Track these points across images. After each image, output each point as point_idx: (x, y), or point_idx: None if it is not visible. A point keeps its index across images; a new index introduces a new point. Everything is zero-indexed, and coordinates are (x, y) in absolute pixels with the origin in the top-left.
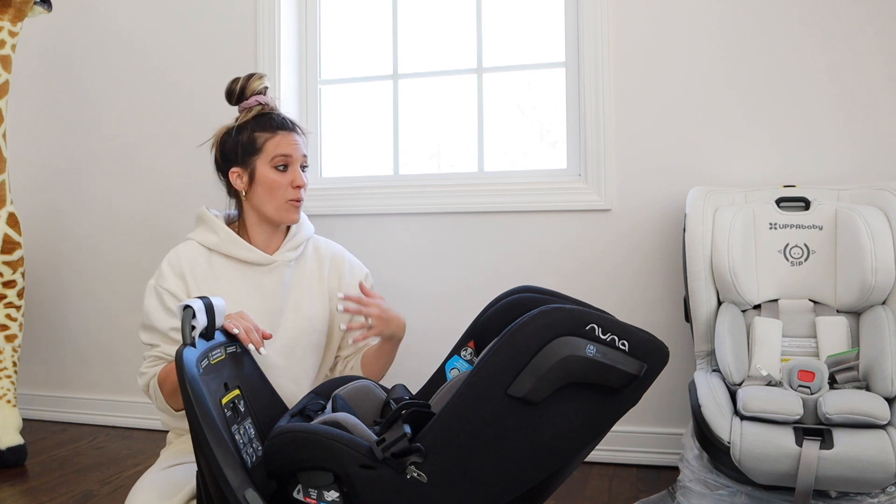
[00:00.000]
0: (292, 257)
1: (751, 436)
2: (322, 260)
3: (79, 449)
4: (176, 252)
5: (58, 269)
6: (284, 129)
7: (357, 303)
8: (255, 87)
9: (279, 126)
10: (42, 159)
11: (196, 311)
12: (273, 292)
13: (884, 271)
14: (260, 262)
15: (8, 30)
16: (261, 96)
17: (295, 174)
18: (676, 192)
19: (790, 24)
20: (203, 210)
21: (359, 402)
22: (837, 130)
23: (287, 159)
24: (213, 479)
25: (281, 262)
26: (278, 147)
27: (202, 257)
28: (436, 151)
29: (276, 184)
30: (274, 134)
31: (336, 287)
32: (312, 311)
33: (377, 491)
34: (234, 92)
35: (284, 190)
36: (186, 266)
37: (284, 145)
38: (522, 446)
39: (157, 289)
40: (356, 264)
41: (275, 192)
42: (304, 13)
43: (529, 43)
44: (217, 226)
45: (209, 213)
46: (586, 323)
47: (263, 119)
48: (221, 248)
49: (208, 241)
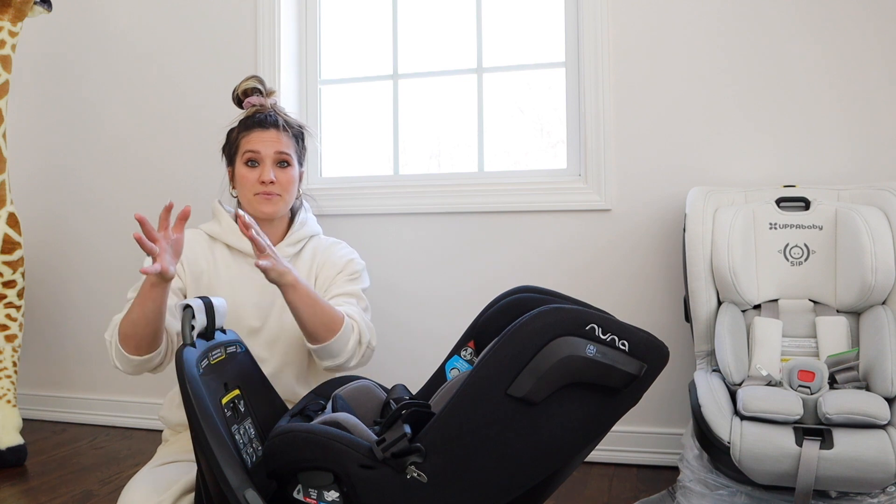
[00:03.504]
0: (290, 253)
1: (751, 436)
2: (318, 254)
3: (79, 449)
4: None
5: (58, 269)
6: (262, 126)
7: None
8: (244, 87)
9: (256, 124)
10: (42, 159)
11: (195, 310)
12: (267, 286)
13: (884, 271)
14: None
15: (8, 30)
16: (255, 98)
17: (262, 170)
18: (676, 192)
19: (790, 24)
20: (215, 203)
21: (359, 402)
22: (837, 130)
23: (255, 155)
24: (213, 479)
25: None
26: (248, 143)
27: (205, 244)
28: (436, 151)
29: (245, 179)
30: (249, 132)
31: (321, 268)
32: None
33: (377, 491)
34: (235, 96)
35: (252, 185)
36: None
37: (255, 142)
38: (522, 446)
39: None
40: (344, 250)
41: (244, 187)
42: (304, 13)
43: (529, 43)
44: (222, 216)
45: (219, 206)
46: (586, 323)
47: (248, 119)
48: (222, 236)
49: (212, 230)
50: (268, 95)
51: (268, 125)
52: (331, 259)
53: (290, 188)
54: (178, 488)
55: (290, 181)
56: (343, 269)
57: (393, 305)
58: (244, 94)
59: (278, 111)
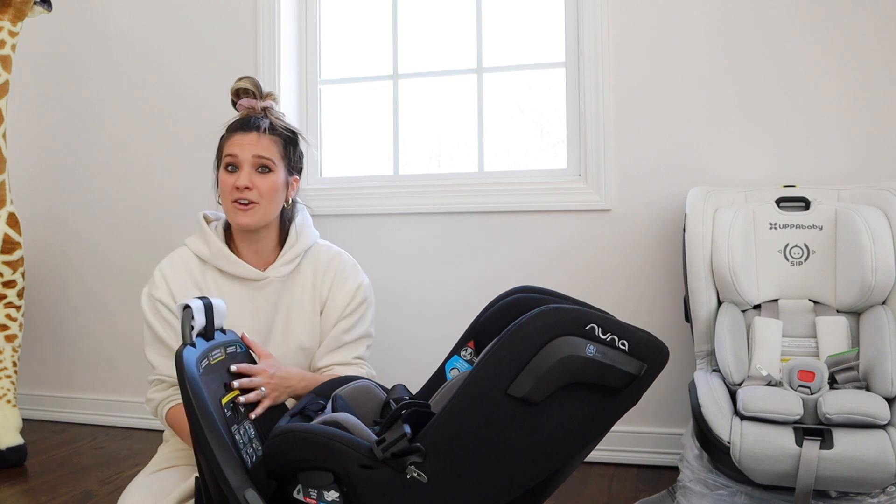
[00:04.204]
0: (286, 272)
1: (751, 436)
2: (318, 269)
3: (79, 449)
4: (169, 262)
5: (58, 269)
6: (243, 129)
7: (245, 374)
8: (235, 87)
9: (238, 127)
10: (42, 159)
11: (195, 311)
12: (263, 309)
13: (884, 271)
14: (251, 277)
15: (8, 30)
16: (246, 100)
17: (239, 175)
18: (676, 192)
19: (790, 24)
20: (200, 217)
21: (359, 402)
22: (837, 130)
23: (233, 159)
24: (213, 479)
25: (273, 277)
26: (227, 147)
27: (195, 267)
28: (436, 151)
29: (223, 184)
30: (231, 135)
31: (327, 295)
32: (301, 329)
33: (377, 491)
34: (231, 97)
35: (230, 191)
36: (177, 279)
37: (233, 145)
38: (522, 446)
39: (150, 297)
40: (350, 274)
41: (223, 193)
42: (304, 13)
43: (529, 43)
44: (209, 238)
45: (204, 223)
46: (586, 323)
47: (234, 122)
48: (212, 261)
49: (201, 252)
50: (262, 98)
51: (249, 128)
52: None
53: (270, 196)
54: (176, 496)
55: (270, 188)
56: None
57: (393, 305)
58: (236, 96)
59: (269, 114)
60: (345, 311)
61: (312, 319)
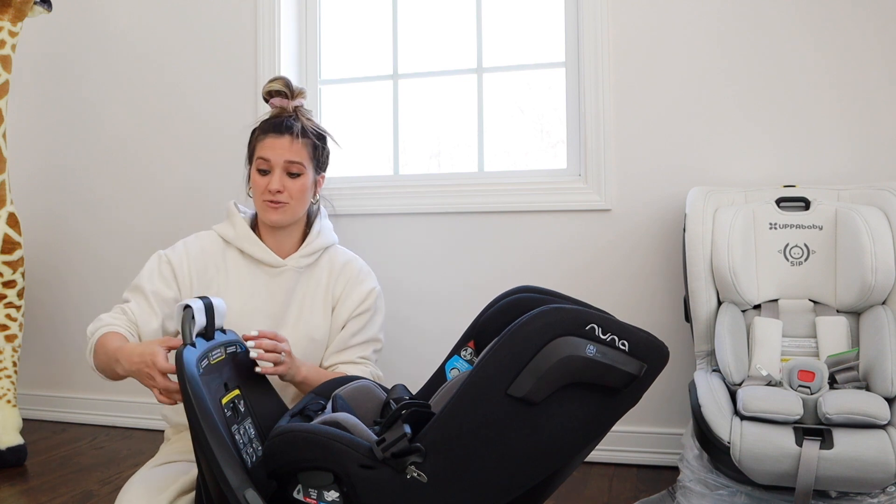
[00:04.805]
0: (304, 264)
1: (751, 436)
2: (333, 270)
3: (79, 449)
4: (197, 236)
5: (58, 269)
6: (277, 132)
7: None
8: (267, 88)
9: (271, 129)
10: (42, 159)
11: (195, 311)
12: (278, 296)
13: (884, 271)
14: (270, 262)
15: (8, 30)
16: (277, 99)
17: (271, 178)
18: (676, 192)
19: (790, 24)
20: (230, 204)
21: (359, 402)
22: (837, 130)
23: (266, 163)
24: (213, 479)
25: (291, 266)
26: (261, 150)
27: (218, 249)
28: (436, 151)
29: (256, 185)
30: (265, 137)
31: (339, 295)
32: (313, 321)
33: (377, 491)
34: (264, 97)
35: (262, 192)
36: (196, 252)
37: (266, 148)
38: (522, 446)
39: (160, 255)
40: (364, 277)
41: (255, 192)
42: (304, 13)
43: (529, 43)
44: (237, 220)
45: (234, 208)
46: (586, 323)
47: (266, 122)
48: (236, 241)
49: (226, 234)
50: (294, 97)
51: (283, 131)
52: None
53: (300, 197)
54: (175, 489)
55: (300, 190)
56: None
57: (393, 306)
58: (268, 96)
59: (301, 115)
60: (354, 313)
61: (324, 314)
